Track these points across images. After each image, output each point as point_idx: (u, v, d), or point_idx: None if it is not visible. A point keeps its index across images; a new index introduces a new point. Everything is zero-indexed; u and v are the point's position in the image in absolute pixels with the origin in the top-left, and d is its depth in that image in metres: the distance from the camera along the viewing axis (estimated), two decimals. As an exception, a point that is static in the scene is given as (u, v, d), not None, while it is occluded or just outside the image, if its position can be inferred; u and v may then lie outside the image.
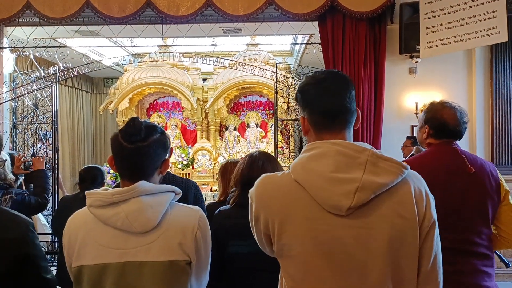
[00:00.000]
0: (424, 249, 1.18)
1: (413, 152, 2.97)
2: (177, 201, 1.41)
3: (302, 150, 1.24)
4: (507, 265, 2.24)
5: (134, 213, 1.26)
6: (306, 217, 1.15)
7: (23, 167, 3.33)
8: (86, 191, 1.33)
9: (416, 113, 4.65)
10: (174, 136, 7.73)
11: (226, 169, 2.38)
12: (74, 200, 2.89)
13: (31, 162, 3.31)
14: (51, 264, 4.46)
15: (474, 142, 4.67)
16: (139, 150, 1.30)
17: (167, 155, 1.40)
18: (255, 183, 1.26)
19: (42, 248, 1.65)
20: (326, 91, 1.22)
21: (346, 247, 1.13)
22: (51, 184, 3.41)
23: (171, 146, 1.71)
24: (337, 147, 1.16)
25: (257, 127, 7.68)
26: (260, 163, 1.87)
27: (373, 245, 1.12)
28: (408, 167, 1.18)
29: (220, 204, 2.12)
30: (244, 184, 1.85)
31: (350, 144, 1.17)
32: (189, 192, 2.03)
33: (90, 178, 3.04)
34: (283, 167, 1.98)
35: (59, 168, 5.13)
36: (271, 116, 7.60)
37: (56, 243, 4.58)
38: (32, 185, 3.15)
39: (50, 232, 4.55)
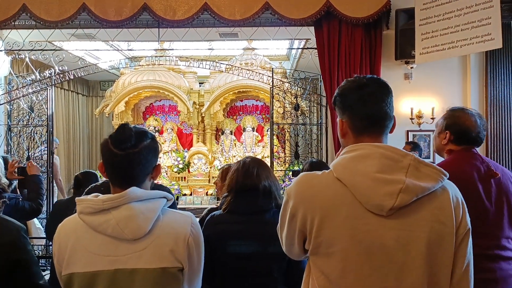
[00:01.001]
0: (457, 256, 1.21)
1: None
2: None
3: (343, 151, 1.27)
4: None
5: (125, 219, 1.25)
6: (347, 215, 1.17)
7: (16, 172, 3.30)
8: (77, 198, 1.32)
9: (412, 119, 4.67)
10: (170, 140, 7.72)
11: (226, 175, 2.38)
12: (68, 204, 2.87)
13: (25, 167, 3.29)
14: (45, 268, 4.43)
15: (469, 148, 4.68)
16: (129, 157, 1.29)
17: (158, 160, 1.39)
18: (295, 180, 1.27)
19: (35, 253, 1.64)
20: (369, 96, 1.26)
21: (386, 248, 1.15)
22: (45, 189, 3.40)
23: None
24: (381, 150, 1.20)
25: (253, 131, 7.69)
26: (254, 170, 1.89)
27: (412, 247, 1.15)
28: (447, 174, 1.22)
29: None
30: (238, 191, 1.86)
31: (393, 148, 1.22)
32: None
33: (89, 182, 3.03)
34: (278, 171, 1.99)
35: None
36: (267, 120, 7.60)
37: (51, 247, 4.56)
38: (26, 190, 3.13)
39: (45, 236, 4.52)
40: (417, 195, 1.15)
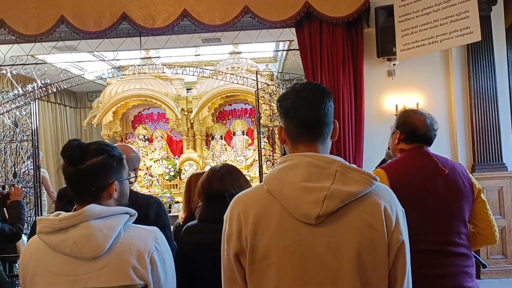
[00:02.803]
0: (396, 271, 1.18)
1: (384, 157, 2.98)
2: (138, 219, 1.38)
3: (277, 162, 1.26)
4: (484, 266, 2.25)
5: (82, 238, 1.23)
6: (279, 226, 1.16)
7: None
8: (37, 217, 1.31)
9: (396, 115, 4.66)
10: (160, 148, 7.69)
11: (189, 183, 2.33)
12: None
13: (7, 190, 3.27)
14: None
15: (455, 142, 4.70)
16: (78, 173, 1.28)
17: (116, 177, 1.35)
18: (230, 204, 1.26)
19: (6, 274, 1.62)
20: (302, 102, 1.23)
21: (318, 256, 1.14)
22: (26, 215, 3.38)
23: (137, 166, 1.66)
24: (308, 159, 1.19)
25: (243, 134, 7.67)
26: (219, 175, 1.87)
27: (344, 253, 1.13)
28: (378, 178, 1.20)
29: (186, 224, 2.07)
30: (206, 198, 1.84)
31: (322, 156, 1.20)
32: (151, 209, 1.98)
33: (68, 197, 2.99)
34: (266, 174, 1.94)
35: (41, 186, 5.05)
36: (256, 123, 7.59)
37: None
38: (5, 209, 3.11)
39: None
40: (343, 201, 1.14)
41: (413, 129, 1.99)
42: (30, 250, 1.31)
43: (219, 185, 1.83)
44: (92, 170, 1.29)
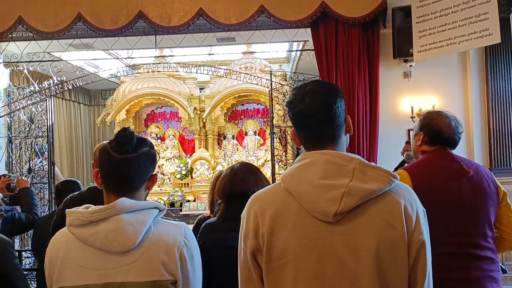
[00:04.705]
0: (416, 272, 1.16)
1: (403, 159, 2.95)
2: None
3: (295, 161, 1.25)
4: (504, 271, 2.21)
5: (113, 232, 1.21)
6: (296, 224, 1.14)
7: (7, 189, 3.30)
8: (67, 210, 1.29)
9: (412, 117, 4.62)
10: (172, 146, 7.72)
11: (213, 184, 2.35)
12: (48, 220, 2.78)
13: (15, 184, 3.29)
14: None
15: (472, 145, 4.63)
16: (128, 161, 1.26)
17: (155, 170, 1.36)
18: (247, 203, 1.25)
19: (30, 265, 1.64)
20: (307, 108, 1.21)
21: (336, 255, 1.12)
22: (37, 200, 3.38)
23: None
24: (326, 157, 1.17)
25: (255, 135, 7.67)
26: (242, 175, 1.87)
27: (362, 252, 1.11)
28: (398, 177, 1.17)
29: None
30: (228, 197, 1.84)
31: (339, 154, 1.18)
32: None
33: (69, 192, 2.98)
34: (279, 175, 1.94)
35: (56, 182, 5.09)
36: (268, 123, 7.58)
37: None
38: (17, 206, 3.13)
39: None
40: (361, 199, 1.11)
41: (437, 131, 1.96)
42: (57, 243, 1.29)
43: (242, 185, 1.84)
44: (143, 159, 1.28)
